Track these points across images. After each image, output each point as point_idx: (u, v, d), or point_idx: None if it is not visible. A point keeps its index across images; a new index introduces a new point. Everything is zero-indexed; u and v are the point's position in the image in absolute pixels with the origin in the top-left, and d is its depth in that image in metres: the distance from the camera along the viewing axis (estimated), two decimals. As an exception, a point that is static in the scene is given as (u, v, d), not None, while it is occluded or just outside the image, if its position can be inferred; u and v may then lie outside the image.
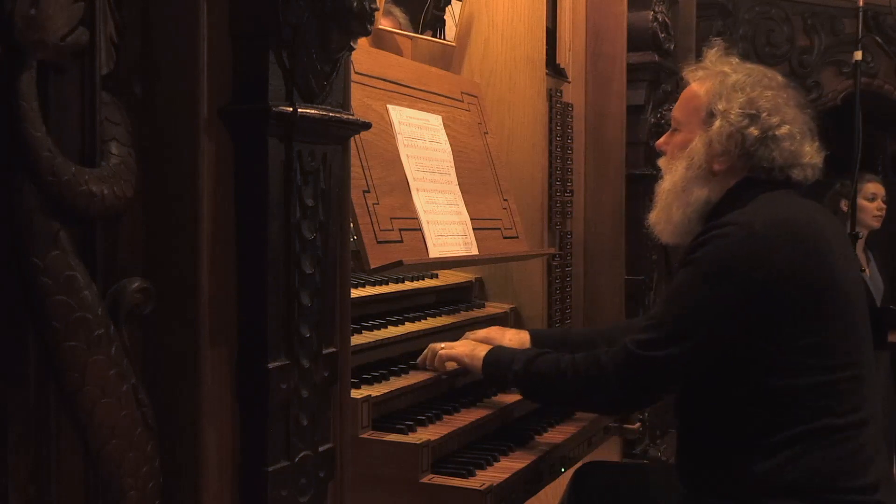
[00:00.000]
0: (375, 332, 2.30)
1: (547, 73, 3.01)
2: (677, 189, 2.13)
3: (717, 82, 2.10)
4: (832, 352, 1.91)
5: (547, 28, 3.02)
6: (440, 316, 2.61)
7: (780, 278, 1.87)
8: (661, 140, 2.26)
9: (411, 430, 2.03)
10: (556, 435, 2.34)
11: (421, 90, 2.66)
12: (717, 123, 2.05)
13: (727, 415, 1.97)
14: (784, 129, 2.02)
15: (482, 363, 2.24)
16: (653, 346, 1.95)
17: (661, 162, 2.24)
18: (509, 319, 2.91)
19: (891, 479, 1.98)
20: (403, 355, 2.37)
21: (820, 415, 1.89)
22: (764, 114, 2.03)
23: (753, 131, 2.01)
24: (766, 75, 2.13)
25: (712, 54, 2.19)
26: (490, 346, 2.30)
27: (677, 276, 2.01)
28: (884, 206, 4.70)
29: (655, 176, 2.33)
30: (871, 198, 4.65)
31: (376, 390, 2.07)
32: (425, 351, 2.36)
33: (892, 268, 4.90)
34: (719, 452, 1.98)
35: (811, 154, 2.07)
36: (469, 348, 2.30)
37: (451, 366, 2.32)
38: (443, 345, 2.34)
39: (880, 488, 1.92)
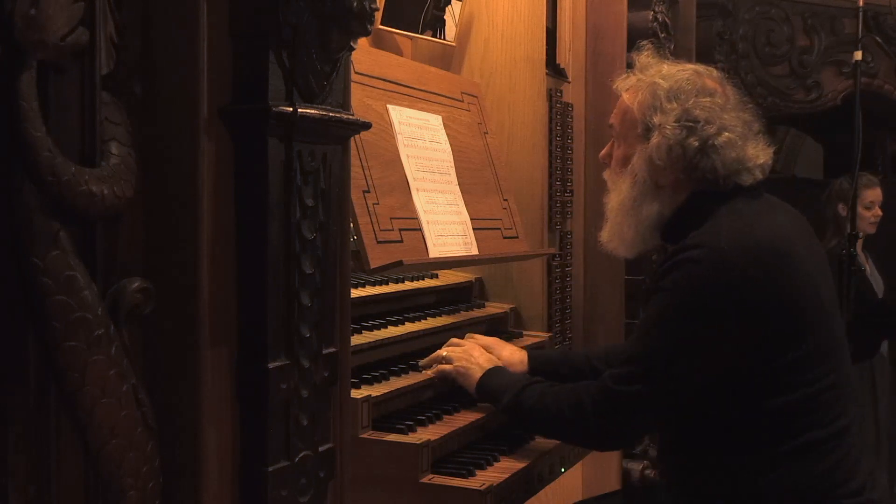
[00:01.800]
0: (375, 332, 2.30)
1: (547, 73, 3.01)
2: (626, 207, 2.07)
3: (650, 93, 2.02)
4: (812, 364, 1.88)
5: (547, 28, 3.02)
6: (440, 316, 2.61)
7: (753, 304, 1.84)
8: (604, 152, 2.20)
9: (411, 430, 2.03)
10: (556, 435, 2.34)
11: (421, 90, 2.66)
12: (655, 138, 1.99)
13: (712, 431, 1.94)
14: (723, 138, 1.96)
15: (475, 390, 2.21)
16: (628, 381, 1.91)
17: (606, 175, 2.18)
18: (509, 319, 2.91)
19: (877, 476, 1.98)
20: (403, 355, 2.37)
21: (807, 429, 1.87)
22: (700, 123, 1.96)
23: (693, 142, 1.95)
24: (701, 76, 2.05)
25: (643, 58, 2.12)
26: (490, 363, 2.26)
27: (649, 305, 1.97)
28: (880, 213, 4.71)
29: None
30: (868, 205, 4.65)
31: (376, 390, 2.07)
32: (431, 354, 2.33)
33: (890, 268, 4.90)
34: (707, 465, 1.95)
35: (756, 155, 2.00)
36: (465, 366, 2.24)
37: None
38: (444, 353, 2.31)
39: (866, 488, 1.92)
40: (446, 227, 2.54)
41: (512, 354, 2.42)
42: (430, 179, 2.54)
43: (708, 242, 1.88)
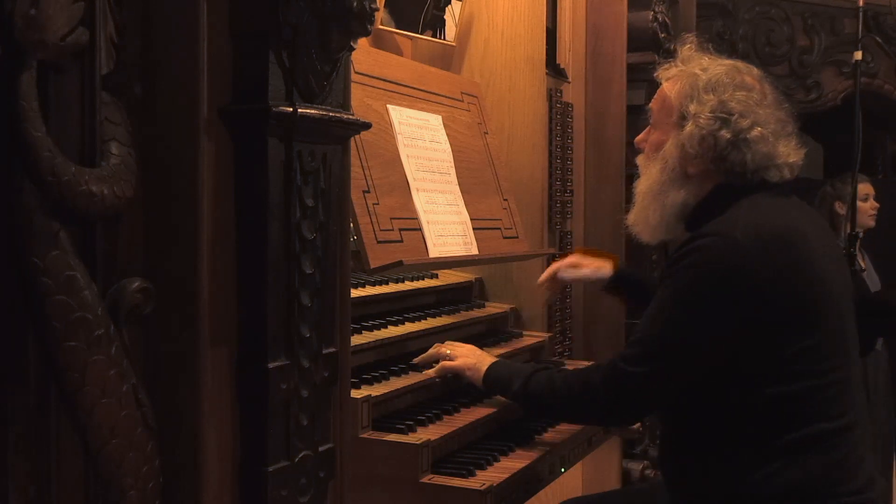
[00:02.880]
0: (375, 332, 2.30)
1: (547, 73, 3.01)
2: (653, 191, 2.11)
3: (688, 84, 2.06)
4: (820, 356, 1.89)
5: (547, 28, 3.03)
6: (440, 316, 2.61)
7: (763, 290, 1.85)
8: (640, 137, 2.23)
9: (411, 430, 2.03)
10: (556, 435, 2.34)
11: (421, 90, 2.66)
12: (689, 127, 2.02)
13: (716, 421, 1.95)
14: (756, 132, 1.98)
15: (482, 381, 2.25)
16: (634, 362, 1.95)
17: (639, 160, 2.22)
18: (509, 319, 2.91)
19: (876, 475, 1.98)
20: (403, 355, 2.37)
21: (811, 421, 1.87)
22: (735, 116, 1.99)
23: (725, 134, 1.98)
24: (741, 72, 2.08)
25: (685, 51, 2.16)
26: (493, 358, 2.30)
27: (659, 290, 1.99)
28: (876, 205, 4.73)
29: None
30: (863, 198, 4.68)
31: (376, 390, 2.07)
32: (428, 351, 2.35)
33: (887, 267, 4.91)
34: (709, 460, 1.95)
35: (787, 153, 2.03)
36: (472, 360, 2.28)
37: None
38: (448, 350, 2.33)
39: (867, 487, 1.92)
40: (446, 227, 2.54)
41: (591, 265, 2.69)
42: (430, 179, 2.54)
43: (723, 231, 1.91)
